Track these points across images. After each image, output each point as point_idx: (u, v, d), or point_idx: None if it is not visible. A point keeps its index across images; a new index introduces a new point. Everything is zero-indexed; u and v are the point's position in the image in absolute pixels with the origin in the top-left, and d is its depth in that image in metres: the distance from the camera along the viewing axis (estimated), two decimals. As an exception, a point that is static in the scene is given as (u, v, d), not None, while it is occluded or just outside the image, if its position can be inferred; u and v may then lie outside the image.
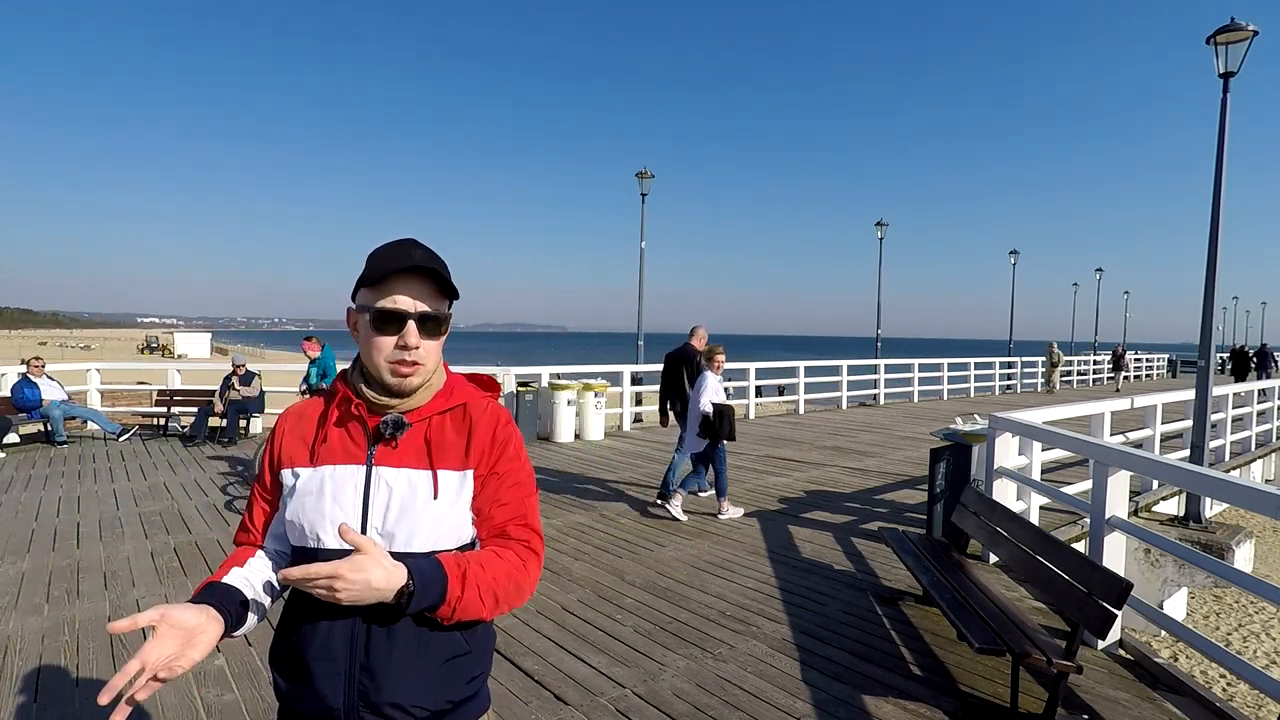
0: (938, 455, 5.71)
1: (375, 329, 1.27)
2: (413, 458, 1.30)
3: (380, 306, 1.27)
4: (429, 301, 1.29)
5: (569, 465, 9.16)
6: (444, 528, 1.29)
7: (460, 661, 1.30)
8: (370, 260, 1.30)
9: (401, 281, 1.27)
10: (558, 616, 4.22)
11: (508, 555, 1.31)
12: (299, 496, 1.31)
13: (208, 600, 1.23)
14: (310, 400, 1.43)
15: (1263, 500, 3.21)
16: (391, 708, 1.24)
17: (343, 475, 1.30)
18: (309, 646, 1.26)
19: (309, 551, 1.29)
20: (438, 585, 1.19)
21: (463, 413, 1.37)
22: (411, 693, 1.25)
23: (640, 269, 16.52)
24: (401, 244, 1.31)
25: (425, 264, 1.27)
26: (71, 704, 3.16)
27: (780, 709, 3.20)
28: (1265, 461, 11.98)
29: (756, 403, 15.39)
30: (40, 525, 6.01)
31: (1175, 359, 38.18)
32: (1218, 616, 7.97)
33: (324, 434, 1.34)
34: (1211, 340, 7.53)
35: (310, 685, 1.26)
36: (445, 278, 1.30)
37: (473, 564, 1.25)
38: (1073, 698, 3.35)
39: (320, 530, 1.28)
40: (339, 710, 1.25)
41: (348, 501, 1.28)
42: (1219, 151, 7.27)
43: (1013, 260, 29.92)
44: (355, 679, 1.24)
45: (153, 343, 78.43)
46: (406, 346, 1.27)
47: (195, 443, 10.18)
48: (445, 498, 1.29)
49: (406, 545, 1.26)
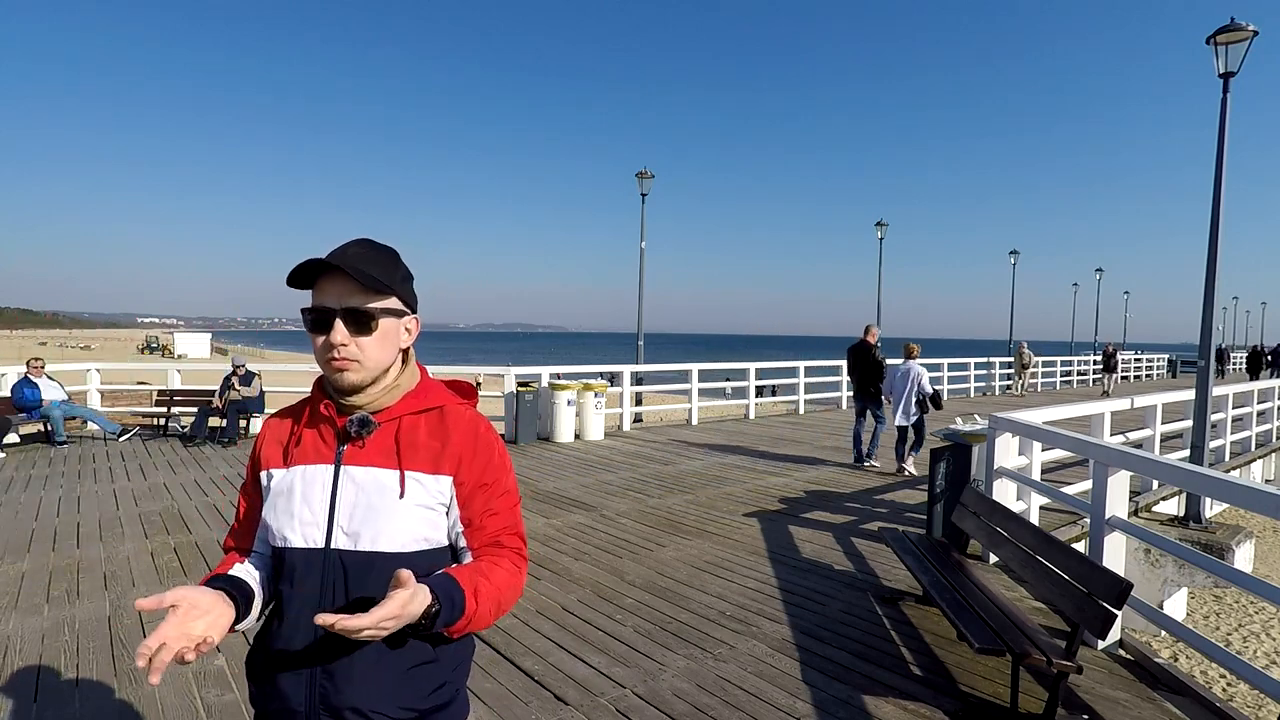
0: (938, 455, 5.72)
1: (309, 329, 1.29)
2: (381, 457, 1.30)
3: (306, 307, 1.29)
4: (354, 297, 1.26)
5: (569, 465, 9.16)
6: (410, 528, 1.28)
7: (427, 670, 1.29)
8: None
9: (326, 280, 1.27)
10: (558, 616, 4.22)
11: (504, 564, 1.32)
12: (273, 497, 1.32)
13: (218, 587, 1.24)
14: (294, 404, 1.44)
15: (1263, 500, 3.21)
16: (351, 712, 1.24)
17: (312, 475, 1.30)
18: (274, 647, 1.28)
19: (280, 552, 1.31)
20: (459, 601, 1.19)
21: (439, 417, 1.36)
22: (372, 698, 1.24)
23: (640, 269, 16.52)
24: (343, 244, 1.31)
25: (337, 261, 1.24)
26: (71, 704, 3.16)
27: (780, 709, 3.20)
28: (1265, 461, 11.98)
29: (756, 402, 15.39)
30: (40, 525, 6.01)
31: (1175, 359, 38.17)
32: (1218, 616, 7.97)
33: (298, 435, 1.35)
34: (1211, 340, 7.52)
35: (275, 687, 1.27)
36: (365, 274, 1.25)
37: (480, 577, 1.25)
38: (1073, 698, 3.35)
39: (288, 529, 1.28)
40: (300, 712, 1.25)
41: (316, 500, 1.29)
42: (1219, 151, 7.27)
43: (1013, 260, 29.94)
44: (316, 681, 1.25)
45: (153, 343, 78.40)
46: (331, 344, 1.26)
47: (195, 443, 10.18)
48: (412, 498, 1.29)
49: (372, 544, 1.26)
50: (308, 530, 1.28)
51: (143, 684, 3.32)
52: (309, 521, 1.28)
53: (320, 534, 1.28)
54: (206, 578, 1.29)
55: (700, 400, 14.34)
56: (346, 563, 1.26)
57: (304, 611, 1.25)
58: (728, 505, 7.10)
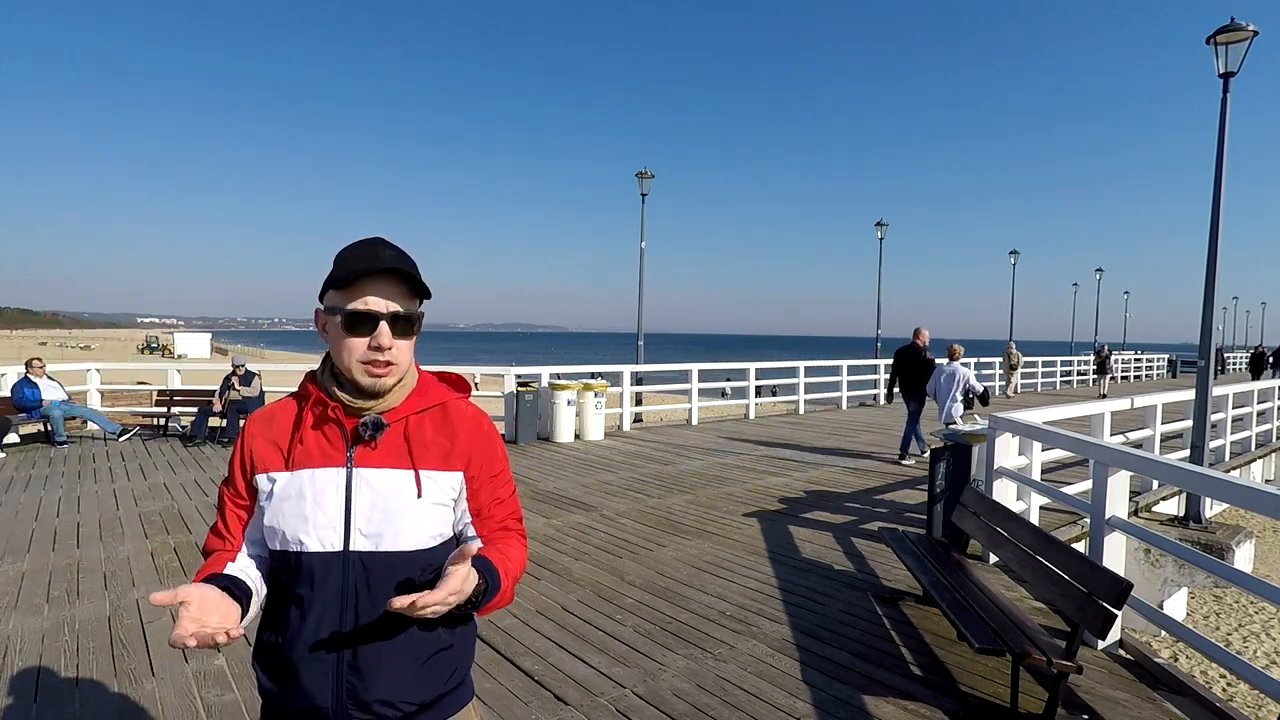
0: (938, 455, 5.72)
1: (347, 331, 1.26)
2: (394, 458, 1.30)
3: (352, 309, 1.26)
4: (400, 302, 1.28)
5: (569, 465, 9.16)
6: (427, 526, 1.30)
7: (445, 655, 1.34)
8: (338, 261, 1.29)
9: (372, 283, 1.26)
10: (558, 616, 4.22)
11: (515, 545, 1.39)
12: (277, 501, 1.29)
13: (220, 585, 1.23)
14: (278, 403, 1.40)
15: (1263, 500, 3.21)
16: (380, 704, 1.26)
17: (323, 478, 1.28)
18: (295, 646, 1.26)
19: (289, 556, 1.28)
20: (496, 580, 1.27)
21: (442, 413, 1.38)
22: (399, 689, 1.27)
23: (640, 269, 16.52)
24: (370, 244, 1.30)
25: (395, 265, 1.26)
26: (71, 704, 3.16)
27: (780, 709, 3.20)
28: (1265, 461, 11.98)
29: (756, 402, 15.39)
30: (40, 525, 6.01)
31: (1175, 359, 38.18)
32: (1218, 616, 7.97)
33: (299, 437, 1.32)
34: (1212, 340, 7.52)
35: (297, 684, 1.26)
36: (416, 278, 1.29)
37: (504, 558, 1.32)
38: (1073, 698, 3.35)
39: (302, 534, 1.27)
40: (327, 709, 1.25)
41: (330, 504, 1.27)
42: (1219, 151, 7.27)
43: (1013, 260, 29.95)
44: (343, 678, 1.25)
45: (153, 343, 78.40)
46: (380, 348, 1.26)
47: (195, 443, 10.18)
48: (429, 496, 1.31)
49: (393, 545, 1.27)
50: (324, 534, 1.26)
51: (143, 684, 3.32)
52: (324, 525, 1.26)
53: (337, 537, 1.27)
54: (200, 576, 1.27)
55: (700, 400, 14.34)
56: (367, 564, 1.27)
57: (327, 612, 1.26)
58: (728, 505, 7.10)
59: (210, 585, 1.20)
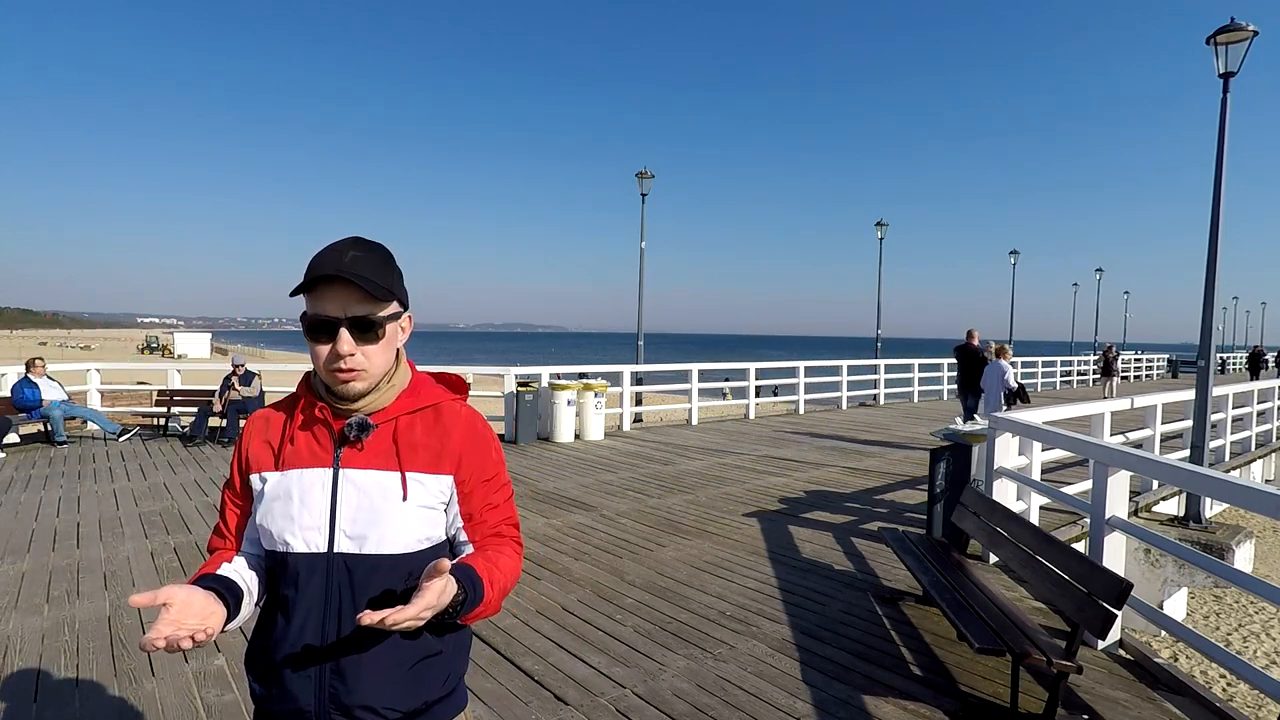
0: (938, 455, 5.71)
1: (309, 337, 1.25)
2: (380, 459, 1.29)
3: (310, 314, 1.24)
4: (362, 306, 1.23)
5: (569, 465, 9.16)
6: (413, 529, 1.28)
7: (433, 662, 1.30)
8: (308, 265, 1.26)
9: (328, 287, 1.22)
10: (558, 616, 4.22)
11: (507, 553, 1.34)
12: (267, 501, 1.29)
13: (208, 587, 1.23)
14: (276, 404, 1.41)
15: (1263, 500, 3.21)
16: (363, 710, 1.24)
17: (310, 479, 1.28)
18: (280, 649, 1.26)
19: (278, 556, 1.29)
20: (480, 590, 1.21)
21: (434, 415, 1.35)
22: (383, 694, 1.25)
23: (640, 269, 16.52)
24: (335, 246, 1.25)
25: (343, 270, 1.20)
26: (71, 704, 3.16)
27: (780, 709, 3.20)
28: (1265, 461, 11.97)
29: (756, 402, 15.39)
30: (40, 525, 6.01)
31: (1175, 359, 38.19)
32: (1218, 616, 7.97)
33: (290, 437, 1.32)
34: (1212, 340, 7.52)
35: (282, 687, 1.26)
36: (372, 282, 1.22)
37: (491, 566, 1.27)
38: (1073, 698, 3.35)
39: (288, 534, 1.27)
40: (310, 712, 1.24)
41: (315, 505, 1.27)
42: (1219, 151, 7.27)
43: (1013, 260, 29.95)
44: (326, 681, 1.24)
45: (153, 343, 78.42)
46: (339, 354, 1.23)
47: (195, 443, 10.18)
48: (414, 499, 1.28)
49: (378, 547, 1.26)
50: (309, 535, 1.26)
51: (143, 684, 3.32)
52: (309, 526, 1.26)
53: (322, 538, 1.26)
54: (195, 576, 1.28)
55: (700, 400, 14.34)
56: (351, 566, 1.26)
57: (310, 614, 1.25)
58: (728, 505, 7.10)
59: (196, 587, 1.20)
